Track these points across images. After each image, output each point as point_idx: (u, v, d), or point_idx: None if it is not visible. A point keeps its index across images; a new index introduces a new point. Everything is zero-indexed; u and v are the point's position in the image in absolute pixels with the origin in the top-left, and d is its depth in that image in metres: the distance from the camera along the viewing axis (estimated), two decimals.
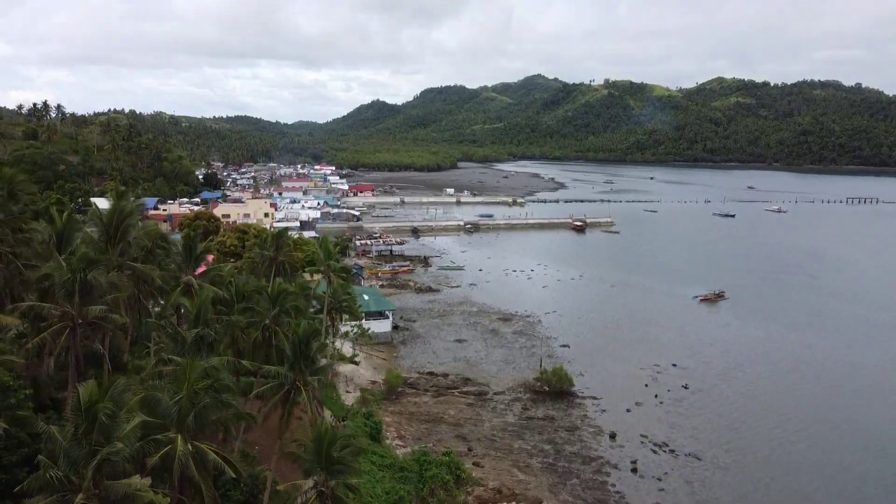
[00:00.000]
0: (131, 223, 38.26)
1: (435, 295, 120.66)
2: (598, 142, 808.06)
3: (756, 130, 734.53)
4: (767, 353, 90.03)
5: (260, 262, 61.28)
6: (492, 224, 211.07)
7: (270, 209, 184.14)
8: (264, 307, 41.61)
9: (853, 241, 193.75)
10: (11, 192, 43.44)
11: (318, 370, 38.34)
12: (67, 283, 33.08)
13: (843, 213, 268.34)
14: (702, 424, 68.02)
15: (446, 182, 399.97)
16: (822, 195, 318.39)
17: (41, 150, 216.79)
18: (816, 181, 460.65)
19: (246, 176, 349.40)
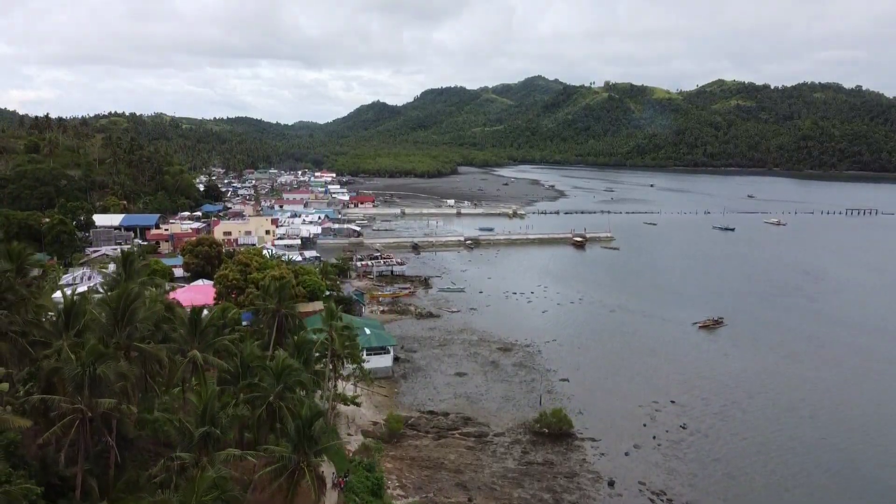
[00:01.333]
0: (138, 306, 38.98)
1: (435, 321, 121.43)
2: (599, 146, 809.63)
3: (756, 135, 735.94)
4: (765, 389, 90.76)
5: (263, 314, 62.02)
6: (492, 239, 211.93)
7: (272, 226, 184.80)
8: (269, 383, 42.39)
9: (852, 259, 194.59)
10: (20, 269, 44.21)
11: (321, 451, 39.06)
12: (77, 377, 33.88)
13: (842, 226, 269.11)
14: (699, 471, 68.77)
15: (447, 190, 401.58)
16: (822, 205, 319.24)
17: (43, 164, 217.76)
18: (816, 189, 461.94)
19: (247, 185, 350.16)
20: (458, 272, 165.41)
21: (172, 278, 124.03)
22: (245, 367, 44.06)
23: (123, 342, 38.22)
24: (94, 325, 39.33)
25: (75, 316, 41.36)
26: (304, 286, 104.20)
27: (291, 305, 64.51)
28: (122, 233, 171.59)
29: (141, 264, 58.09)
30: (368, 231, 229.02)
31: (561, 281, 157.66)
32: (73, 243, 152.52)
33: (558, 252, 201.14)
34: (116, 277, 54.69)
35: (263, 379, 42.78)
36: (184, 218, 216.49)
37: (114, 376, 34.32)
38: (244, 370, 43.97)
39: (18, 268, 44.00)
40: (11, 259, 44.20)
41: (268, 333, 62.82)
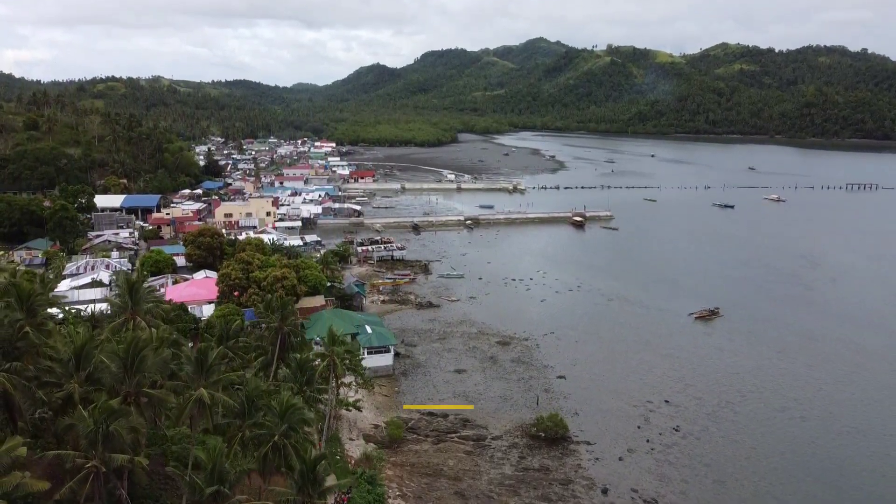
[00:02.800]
0: (146, 354, 40.29)
1: (435, 312, 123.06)
2: (600, 112, 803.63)
3: (759, 101, 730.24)
4: (757, 388, 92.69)
5: (266, 330, 63.49)
6: (492, 218, 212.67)
7: (272, 208, 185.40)
8: (273, 421, 43.96)
9: (850, 241, 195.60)
10: (30, 309, 45.37)
11: (324, 492, 40.75)
12: (91, 435, 35.37)
13: (841, 203, 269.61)
14: (690, 477, 70.91)
15: (447, 161, 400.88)
16: (822, 179, 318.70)
17: (43, 142, 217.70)
18: (818, 159, 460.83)
19: (247, 157, 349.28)
20: (458, 256, 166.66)
21: (175, 269, 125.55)
22: (250, 403, 45.55)
23: (133, 390, 39.62)
24: (105, 372, 40.61)
25: (85, 357, 42.68)
26: (306, 282, 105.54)
27: (294, 322, 65.83)
28: (123, 216, 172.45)
29: (146, 291, 59.05)
30: (368, 209, 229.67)
31: (560, 266, 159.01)
32: (76, 228, 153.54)
33: (557, 233, 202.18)
34: (122, 306, 55.87)
35: (268, 416, 44.33)
36: (184, 196, 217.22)
37: (126, 432, 35.84)
38: (249, 406, 45.47)
39: (28, 308, 45.22)
40: (21, 300, 45.36)
41: (271, 350, 64.32)
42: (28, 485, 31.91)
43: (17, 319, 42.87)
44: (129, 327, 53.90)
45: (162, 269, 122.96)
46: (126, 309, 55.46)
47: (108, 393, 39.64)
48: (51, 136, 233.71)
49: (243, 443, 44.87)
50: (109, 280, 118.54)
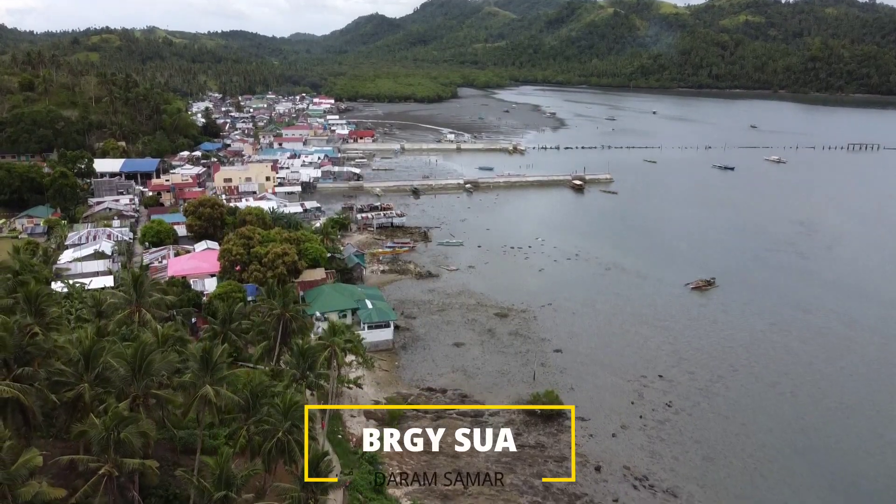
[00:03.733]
0: (154, 358, 41.64)
1: (434, 282, 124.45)
2: (602, 66, 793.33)
3: (763, 55, 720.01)
4: (749, 363, 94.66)
5: (269, 318, 64.92)
6: (491, 182, 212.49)
7: (271, 173, 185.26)
8: (277, 418, 45.63)
9: (849, 206, 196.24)
10: (38, 311, 46.51)
11: (327, 488, 42.61)
12: (102, 441, 36.97)
13: (842, 164, 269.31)
14: (681, 454, 73.21)
15: (447, 118, 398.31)
16: (824, 138, 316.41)
17: (39, 104, 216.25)
18: (821, 116, 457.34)
19: (245, 116, 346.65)
20: (457, 222, 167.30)
21: (176, 239, 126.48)
22: (254, 398, 47.14)
23: (141, 392, 41.10)
24: (113, 373, 42.01)
25: (94, 358, 44.07)
26: (306, 254, 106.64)
27: (295, 310, 67.14)
28: (123, 181, 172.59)
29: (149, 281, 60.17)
30: (368, 171, 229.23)
31: (558, 232, 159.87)
32: (76, 195, 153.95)
33: (557, 197, 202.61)
34: (128, 299, 57.05)
35: (271, 414, 45.96)
36: (183, 159, 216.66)
37: (136, 437, 37.42)
38: (253, 401, 47.07)
39: (37, 310, 46.35)
40: (29, 301, 46.48)
41: (273, 336, 65.82)
42: (45, 493, 33.55)
43: (28, 324, 44.11)
44: (134, 320, 55.25)
45: (163, 240, 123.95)
46: (131, 302, 56.70)
47: (117, 397, 41.08)
48: (47, 98, 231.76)
49: (248, 436, 46.54)
50: (112, 251, 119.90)
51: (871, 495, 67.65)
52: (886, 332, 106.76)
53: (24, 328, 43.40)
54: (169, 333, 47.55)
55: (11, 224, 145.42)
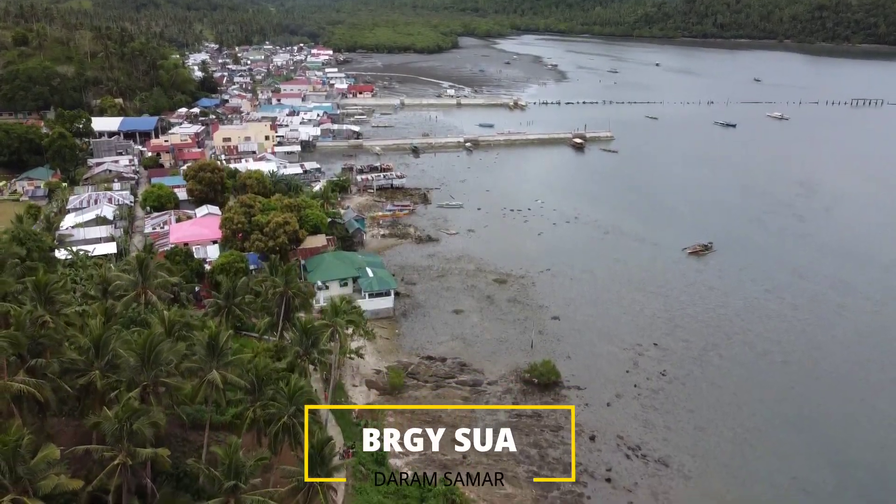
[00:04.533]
0: (162, 348, 43.01)
1: (434, 246, 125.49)
2: (606, 14, 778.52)
3: (770, 3, 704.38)
4: (743, 330, 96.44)
5: (272, 295, 66.24)
6: (491, 140, 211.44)
7: (270, 132, 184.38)
8: (283, 402, 47.30)
9: (850, 164, 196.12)
10: (49, 299, 47.61)
11: (332, 470, 44.58)
12: (116, 432, 38.61)
13: (845, 120, 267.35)
14: (673, 423, 75.43)
15: (447, 71, 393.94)
16: (827, 94, 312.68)
17: (34, 59, 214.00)
18: (826, 68, 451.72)
19: (242, 68, 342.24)
20: (457, 182, 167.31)
21: (177, 203, 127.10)
22: (260, 382, 48.75)
23: (151, 381, 42.59)
24: (123, 361, 43.41)
25: (104, 345, 45.48)
26: (307, 221, 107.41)
27: (298, 287, 68.37)
28: (121, 141, 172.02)
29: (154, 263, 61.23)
30: (367, 129, 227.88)
31: (558, 193, 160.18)
32: (75, 157, 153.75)
33: (557, 156, 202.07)
34: (133, 281, 58.19)
35: (276, 398, 47.60)
36: (181, 116, 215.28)
37: (148, 428, 39.05)
38: (259, 385, 48.69)
39: (48, 299, 47.48)
40: (39, 290, 47.56)
41: (276, 312, 67.24)
42: (64, 485, 35.29)
43: (39, 315, 45.31)
44: (140, 301, 56.56)
45: (164, 205, 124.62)
46: (137, 284, 57.89)
47: (128, 385, 42.57)
48: (42, 53, 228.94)
49: (254, 418, 48.29)
50: (113, 215, 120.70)
51: (857, 465, 69.97)
52: (879, 298, 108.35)
53: (35, 320, 44.68)
54: (175, 319, 48.77)
55: (12, 186, 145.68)
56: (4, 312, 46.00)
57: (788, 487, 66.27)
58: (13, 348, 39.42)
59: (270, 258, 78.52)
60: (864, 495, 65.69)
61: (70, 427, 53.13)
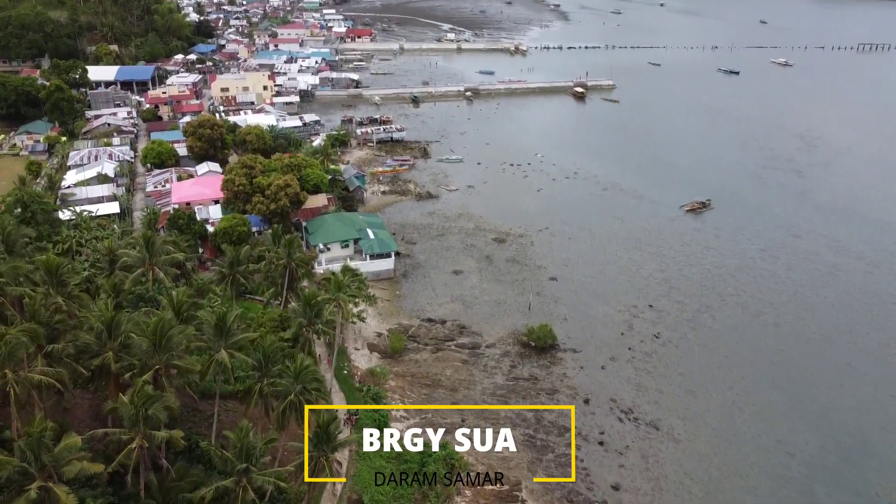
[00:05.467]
0: (173, 333, 44.73)
1: (434, 204, 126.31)
2: None
3: None
4: (737, 292, 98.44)
5: (274, 266, 67.79)
6: (492, 89, 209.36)
7: (269, 82, 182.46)
8: (289, 381, 49.39)
9: (852, 114, 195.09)
10: (61, 282, 49.04)
11: (337, 446, 47.01)
12: (132, 417, 40.72)
13: (851, 66, 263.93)
14: (665, 387, 78.03)
15: (448, 12, 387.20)
16: (834, 38, 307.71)
17: (25, 3, 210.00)
18: (834, 9, 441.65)
19: (238, 10, 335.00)
20: (457, 135, 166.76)
21: (177, 160, 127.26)
22: (267, 360, 50.73)
23: (163, 365, 44.50)
24: (136, 347, 45.22)
25: (116, 326, 47.26)
26: (307, 181, 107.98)
27: (300, 259, 69.75)
28: (119, 93, 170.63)
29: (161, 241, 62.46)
30: (367, 76, 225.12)
31: (558, 147, 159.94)
32: (74, 110, 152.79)
33: (558, 106, 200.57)
34: (140, 257, 59.57)
35: (283, 376, 49.68)
36: (178, 63, 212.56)
37: (162, 412, 41.14)
38: (266, 362, 50.70)
39: (59, 282, 48.90)
40: (51, 274, 48.95)
41: (280, 283, 68.89)
42: (87, 469, 37.53)
43: (53, 301, 46.84)
44: (148, 277, 58.13)
45: (165, 161, 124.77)
46: (144, 261, 59.32)
47: (141, 369, 44.48)
48: None
49: (262, 394, 50.44)
50: (114, 172, 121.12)
51: (840, 428, 72.79)
52: (872, 258, 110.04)
53: (49, 306, 46.26)
54: (183, 300, 50.37)
55: (11, 140, 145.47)
56: (19, 296, 47.58)
57: (773, 450, 69.21)
58: (33, 341, 41.09)
59: (273, 227, 79.62)
60: (844, 458, 68.64)
61: (85, 400, 55.50)
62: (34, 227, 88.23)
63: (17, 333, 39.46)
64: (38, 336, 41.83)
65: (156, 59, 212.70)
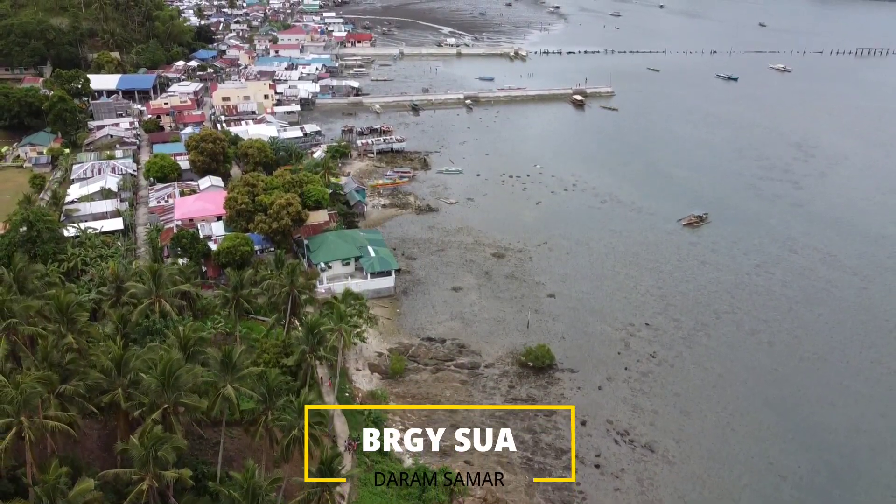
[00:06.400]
0: (182, 373, 46.20)
1: (434, 217, 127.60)
2: None
3: None
4: (733, 308, 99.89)
5: (278, 294, 69.34)
6: (491, 97, 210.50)
7: (269, 91, 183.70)
8: (292, 416, 50.90)
9: (849, 122, 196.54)
10: (71, 320, 50.52)
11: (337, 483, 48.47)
12: (142, 458, 42.22)
13: (849, 72, 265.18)
14: (660, 407, 79.52)
15: (447, 14, 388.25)
16: (833, 41, 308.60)
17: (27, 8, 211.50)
18: (833, 10, 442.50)
19: (238, 13, 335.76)
20: (457, 145, 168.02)
21: (180, 173, 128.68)
22: (271, 393, 52.24)
23: (171, 404, 46.00)
24: (145, 387, 46.68)
25: (124, 365, 48.77)
26: (308, 197, 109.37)
27: (302, 286, 71.23)
28: (121, 102, 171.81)
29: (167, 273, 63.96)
30: (367, 82, 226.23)
31: (557, 157, 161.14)
32: (76, 121, 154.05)
33: (557, 114, 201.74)
34: (148, 290, 61.06)
35: (287, 411, 51.18)
36: (179, 70, 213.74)
37: (171, 453, 42.66)
38: (270, 395, 52.20)
39: (69, 319, 50.36)
40: (62, 312, 50.42)
41: (283, 310, 70.38)
42: None
43: (66, 343, 48.34)
44: (155, 309, 59.63)
45: (167, 175, 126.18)
46: (151, 293, 60.80)
47: (150, 407, 45.97)
48: (35, 2, 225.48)
49: (267, 428, 51.95)
50: (118, 186, 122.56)
51: (830, 448, 74.41)
52: (866, 273, 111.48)
53: (62, 347, 47.73)
54: (190, 335, 51.80)
55: (14, 151, 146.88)
56: (31, 335, 49.09)
57: (765, 472, 70.75)
58: (46, 387, 42.57)
59: (277, 253, 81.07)
60: (834, 479, 70.24)
61: (94, 431, 57.02)
62: (40, 245, 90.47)
63: (32, 382, 40.94)
64: (52, 382, 43.31)
65: (157, 65, 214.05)
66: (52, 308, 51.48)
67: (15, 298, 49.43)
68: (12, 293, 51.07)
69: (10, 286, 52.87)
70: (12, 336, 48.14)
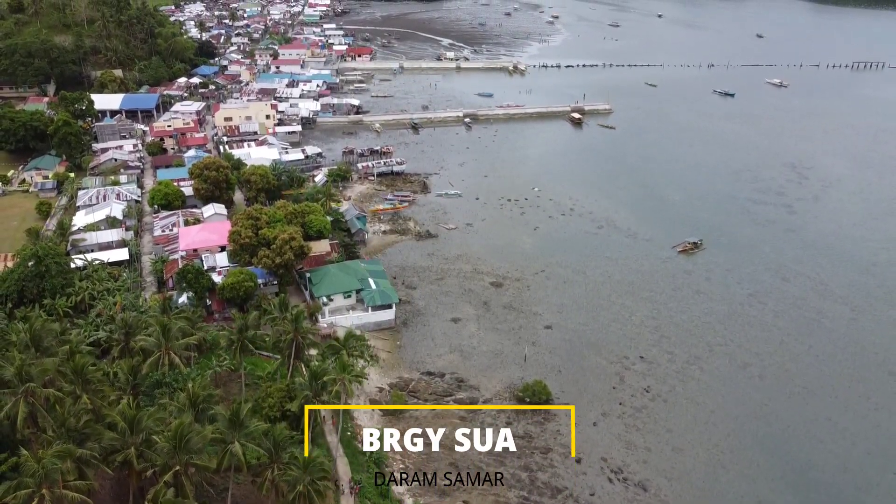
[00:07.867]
0: (193, 435, 48.47)
1: (434, 244, 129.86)
2: None
3: None
4: (725, 341, 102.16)
5: (282, 339, 71.66)
6: (490, 115, 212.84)
7: (271, 111, 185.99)
8: (298, 472, 53.18)
9: (843, 141, 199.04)
10: (85, 380, 52.83)
11: None
12: None
13: (845, 87, 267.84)
14: (653, 444, 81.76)
15: (447, 25, 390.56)
16: (830, 54, 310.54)
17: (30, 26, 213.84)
18: (831, 19, 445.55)
19: (239, 26, 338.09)
20: (456, 166, 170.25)
21: (184, 201, 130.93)
22: (277, 448, 54.53)
23: (182, 466, 48.29)
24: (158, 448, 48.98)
25: (137, 424, 51.05)
26: (310, 227, 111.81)
27: (305, 331, 73.52)
28: (124, 123, 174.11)
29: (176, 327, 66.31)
30: (367, 98, 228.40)
31: (555, 179, 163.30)
32: (81, 144, 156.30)
33: (555, 132, 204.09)
34: (157, 343, 63.39)
35: (292, 467, 53.46)
36: (181, 87, 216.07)
37: None
38: (276, 450, 54.49)
39: (84, 380, 52.65)
40: (77, 373, 52.69)
41: (287, 354, 72.66)
42: None
43: (82, 407, 50.64)
44: (164, 362, 61.97)
45: (171, 202, 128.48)
46: (161, 346, 63.13)
47: (162, 468, 48.26)
48: (38, 20, 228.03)
49: (272, 482, 54.23)
50: (123, 214, 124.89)
51: (818, 486, 76.79)
52: (857, 302, 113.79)
53: (77, 413, 50.01)
54: (198, 393, 54.07)
55: (20, 175, 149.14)
56: (47, 398, 51.36)
57: None
58: (65, 459, 44.85)
59: (280, 297, 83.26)
60: None
61: (107, 480, 59.24)
62: (48, 279, 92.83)
63: (52, 458, 43.23)
64: (70, 452, 45.57)
65: (159, 82, 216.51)
66: (67, 369, 53.72)
67: (33, 362, 51.69)
68: (29, 354, 53.30)
69: (26, 345, 55.12)
70: (30, 398, 50.43)
